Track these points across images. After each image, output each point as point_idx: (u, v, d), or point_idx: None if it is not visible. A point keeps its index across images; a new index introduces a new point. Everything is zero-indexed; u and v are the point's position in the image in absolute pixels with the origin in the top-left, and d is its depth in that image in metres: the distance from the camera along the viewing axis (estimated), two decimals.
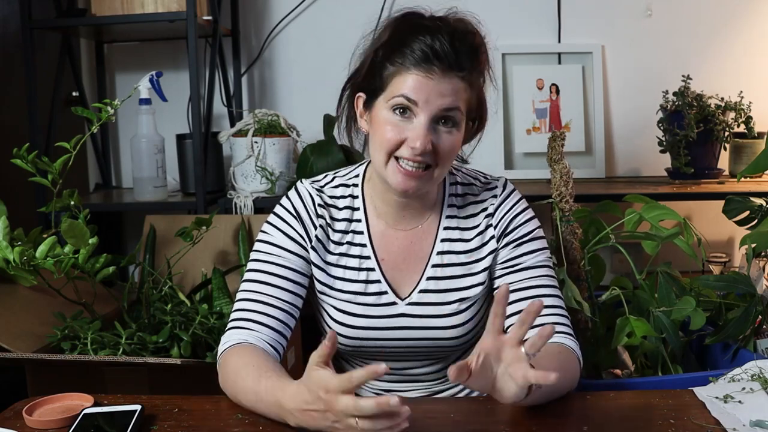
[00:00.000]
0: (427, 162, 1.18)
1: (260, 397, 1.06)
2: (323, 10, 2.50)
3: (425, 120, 1.16)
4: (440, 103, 1.16)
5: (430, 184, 1.23)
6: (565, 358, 1.17)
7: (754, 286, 1.39)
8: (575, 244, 1.43)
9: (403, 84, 1.16)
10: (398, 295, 1.30)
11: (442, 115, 1.17)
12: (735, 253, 2.49)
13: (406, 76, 1.16)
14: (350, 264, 1.30)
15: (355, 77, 1.28)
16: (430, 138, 1.16)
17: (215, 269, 1.83)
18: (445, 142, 1.18)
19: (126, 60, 2.59)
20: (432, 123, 1.17)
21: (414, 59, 1.16)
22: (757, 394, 1.08)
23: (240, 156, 2.23)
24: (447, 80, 1.16)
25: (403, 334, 1.29)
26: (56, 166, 1.63)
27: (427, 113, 1.16)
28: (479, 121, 1.29)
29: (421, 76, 1.15)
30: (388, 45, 1.20)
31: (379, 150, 1.20)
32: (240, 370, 1.11)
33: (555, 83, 2.47)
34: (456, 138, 1.20)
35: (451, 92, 1.16)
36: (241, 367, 1.12)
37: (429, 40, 1.15)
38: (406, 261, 1.30)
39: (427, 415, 1.08)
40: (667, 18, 2.49)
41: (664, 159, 2.39)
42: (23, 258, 1.50)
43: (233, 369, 1.13)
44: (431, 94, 1.15)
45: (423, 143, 1.15)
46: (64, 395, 1.14)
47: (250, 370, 1.10)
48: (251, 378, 1.08)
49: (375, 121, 1.22)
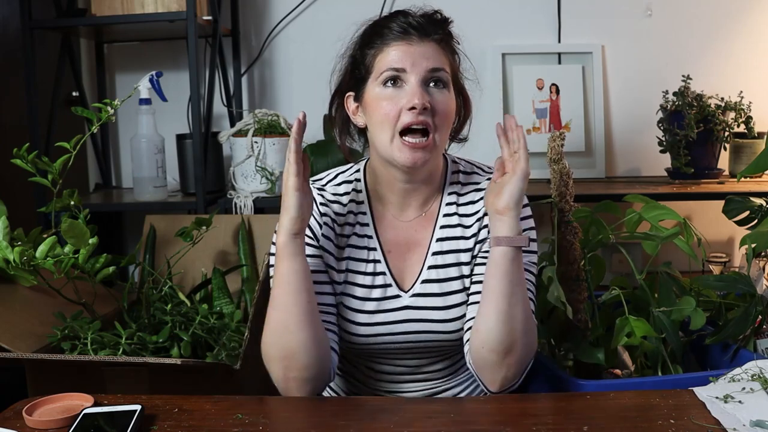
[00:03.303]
0: (427, 122, 1.22)
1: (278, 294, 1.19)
2: (323, 10, 2.51)
3: (416, 80, 1.22)
4: (426, 65, 1.22)
5: (434, 153, 1.26)
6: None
7: (754, 286, 1.38)
8: (575, 244, 1.43)
9: (387, 57, 1.24)
10: (402, 288, 1.30)
11: (431, 76, 1.23)
12: (735, 253, 2.49)
13: (388, 51, 1.24)
14: (359, 256, 1.31)
15: (339, 88, 1.34)
16: (426, 96, 1.21)
17: (215, 269, 1.83)
18: (439, 100, 1.23)
19: (126, 60, 2.59)
20: (423, 85, 1.22)
21: (392, 35, 1.24)
22: (757, 394, 1.08)
23: (240, 156, 2.23)
24: (426, 44, 1.24)
25: (407, 328, 1.29)
26: (56, 166, 1.63)
27: (417, 75, 1.22)
28: (464, 102, 1.33)
29: (403, 45, 1.23)
30: (363, 39, 1.28)
31: (381, 129, 1.24)
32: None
33: (555, 83, 2.47)
34: (448, 98, 1.25)
35: (433, 54, 1.23)
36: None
37: (402, 18, 1.25)
38: (410, 250, 1.31)
39: (427, 415, 1.08)
40: (667, 18, 2.49)
41: (664, 159, 2.39)
42: (23, 258, 1.50)
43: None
44: (415, 57, 1.22)
45: (420, 99, 1.20)
46: (64, 395, 1.14)
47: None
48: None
49: (369, 105, 1.26)
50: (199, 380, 1.40)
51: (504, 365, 1.19)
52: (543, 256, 1.49)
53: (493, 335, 1.18)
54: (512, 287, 1.18)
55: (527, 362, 1.21)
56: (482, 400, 1.18)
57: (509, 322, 1.18)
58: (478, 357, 1.21)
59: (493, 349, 1.18)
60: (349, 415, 1.10)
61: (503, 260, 1.18)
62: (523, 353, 1.19)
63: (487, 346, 1.19)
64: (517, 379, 1.22)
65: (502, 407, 1.10)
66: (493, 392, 1.22)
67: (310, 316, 1.18)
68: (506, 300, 1.18)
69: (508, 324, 1.18)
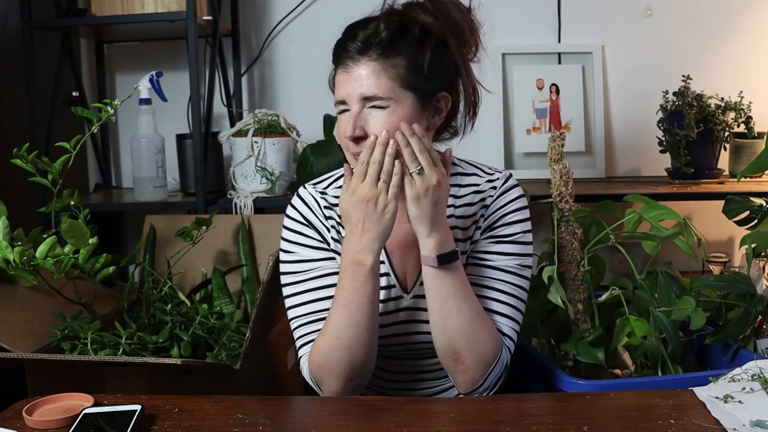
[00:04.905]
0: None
1: (343, 307, 1.20)
2: (323, 10, 2.51)
3: (355, 109, 1.22)
4: (359, 92, 1.21)
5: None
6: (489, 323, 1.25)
7: (754, 286, 1.38)
8: (575, 244, 1.43)
9: (336, 87, 1.25)
10: (404, 289, 1.30)
11: (367, 99, 1.21)
12: (735, 253, 2.49)
13: (337, 79, 1.25)
14: None
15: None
16: (359, 124, 1.21)
17: (215, 269, 1.83)
18: (375, 122, 1.21)
19: (126, 60, 2.59)
20: (362, 109, 1.21)
21: (336, 61, 1.25)
22: (757, 394, 1.08)
23: (240, 156, 2.23)
24: (360, 68, 1.21)
25: (410, 329, 1.30)
26: (56, 166, 1.63)
27: (354, 104, 1.22)
28: (454, 92, 1.29)
29: (341, 74, 1.23)
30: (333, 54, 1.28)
31: (344, 148, 1.27)
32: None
33: (555, 83, 2.47)
34: (392, 116, 1.20)
35: (367, 77, 1.20)
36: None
37: (341, 40, 1.24)
38: (411, 252, 1.31)
39: (427, 415, 1.08)
40: (667, 18, 2.49)
41: (664, 159, 2.39)
42: (23, 258, 1.50)
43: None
44: (350, 86, 1.22)
45: (345, 129, 1.21)
46: (64, 395, 1.14)
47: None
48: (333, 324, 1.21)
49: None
50: (199, 380, 1.40)
51: (458, 370, 1.23)
52: (543, 256, 1.49)
53: (437, 344, 1.24)
54: (441, 301, 1.20)
55: (486, 365, 1.23)
56: (482, 400, 1.18)
57: (444, 333, 1.21)
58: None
59: (441, 356, 1.24)
60: (349, 415, 1.10)
61: (428, 278, 1.21)
62: (472, 359, 1.21)
63: (438, 353, 1.25)
64: (481, 382, 1.24)
65: (502, 407, 1.10)
66: (464, 393, 1.26)
67: (377, 330, 1.22)
68: (437, 313, 1.21)
69: (444, 335, 1.21)
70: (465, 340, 1.20)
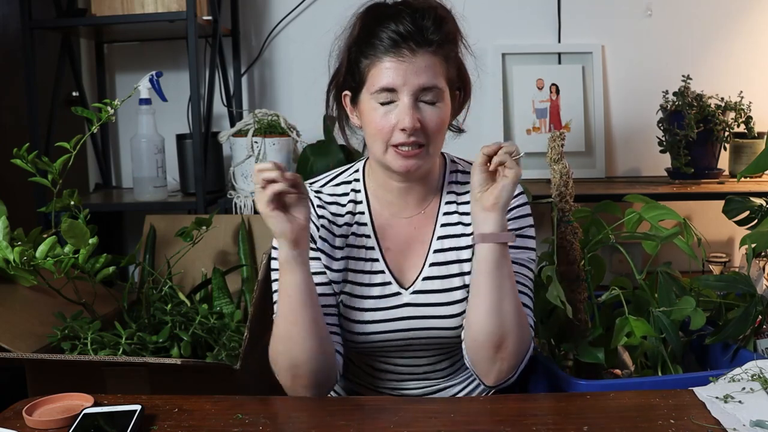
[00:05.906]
0: (419, 141, 1.22)
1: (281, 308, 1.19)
2: (323, 10, 2.50)
3: (408, 101, 1.20)
4: (418, 82, 1.20)
5: (428, 160, 1.26)
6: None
7: (754, 286, 1.38)
8: (575, 244, 1.43)
9: (379, 75, 1.21)
10: (402, 285, 1.30)
11: (423, 93, 1.21)
12: (735, 253, 2.49)
13: (380, 67, 1.21)
14: (356, 255, 1.31)
15: (336, 78, 1.32)
16: (416, 116, 1.20)
17: (215, 269, 1.83)
18: (430, 117, 1.22)
19: (126, 60, 2.59)
20: (415, 102, 1.21)
21: (384, 48, 1.21)
22: (757, 394, 1.08)
23: (240, 156, 2.23)
24: (419, 59, 1.20)
25: (408, 325, 1.30)
26: (56, 166, 1.63)
27: (408, 94, 1.20)
28: (464, 90, 1.32)
29: (394, 62, 1.20)
30: (359, 40, 1.25)
31: (374, 141, 1.25)
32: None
33: (555, 83, 2.47)
34: (442, 112, 1.23)
35: (426, 69, 1.20)
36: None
37: (393, 26, 1.20)
38: (410, 248, 1.32)
39: (427, 414, 1.08)
40: (667, 18, 2.48)
41: (664, 159, 2.38)
42: (23, 258, 1.50)
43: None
44: (407, 75, 1.20)
45: (411, 121, 1.20)
46: (64, 395, 1.14)
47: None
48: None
49: (364, 115, 1.26)
50: (199, 380, 1.40)
51: (497, 359, 1.20)
52: (543, 256, 1.49)
53: (484, 329, 1.19)
54: (500, 281, 1.19)
55: (522, 356, 1.22)
56: (482, 400, 1.18)
57: (499, 315, 1.19)
58: (471, 351, 1.23)
59: (485, 342, 1.20)
60: (349, 415, 1.10)
61: (491, 256, 1.19)
62: (516, 347, 1.20)
63: (478, 340, 1.20)
64: (513, 373, 1.22)
65: (502, 407, 1.10)
66: (489, 386, 1.24)
67: (314, 326, 1.19)
68: (494, 294, 1.19)
69: (498, 318, 1.19)
70: (515, 324, 1.19)
